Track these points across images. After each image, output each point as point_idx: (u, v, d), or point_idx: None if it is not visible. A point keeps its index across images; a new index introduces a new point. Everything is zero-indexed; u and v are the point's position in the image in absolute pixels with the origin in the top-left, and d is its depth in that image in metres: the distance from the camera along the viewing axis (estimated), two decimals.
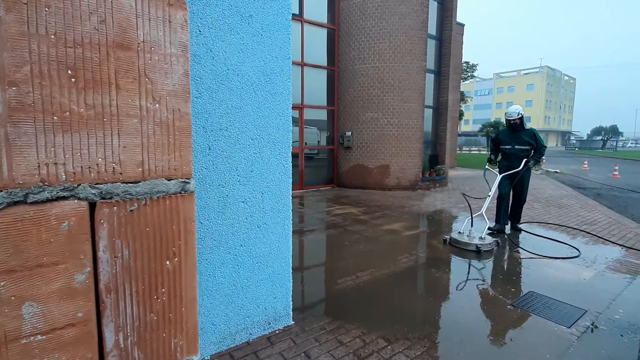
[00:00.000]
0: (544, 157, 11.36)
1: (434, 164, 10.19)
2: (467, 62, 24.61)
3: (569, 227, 5.30)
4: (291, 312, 2.44)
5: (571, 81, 74.59)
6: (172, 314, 0.58)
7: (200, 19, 1.86)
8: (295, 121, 8.80)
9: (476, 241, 4.01)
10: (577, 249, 4.19)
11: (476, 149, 38.92)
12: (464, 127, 62.25)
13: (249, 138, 2.09)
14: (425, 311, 2.69)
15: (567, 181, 11.53)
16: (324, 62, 9.16)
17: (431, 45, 9.97)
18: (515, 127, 4.79)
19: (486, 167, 5.03)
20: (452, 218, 5.93)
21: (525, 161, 4.64)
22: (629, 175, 14.19)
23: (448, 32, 10.29)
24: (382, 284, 3.15)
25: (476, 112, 69.72)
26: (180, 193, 0.55)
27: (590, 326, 2.48)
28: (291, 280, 2.41)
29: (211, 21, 1.89)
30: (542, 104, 63.20)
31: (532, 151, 4.77)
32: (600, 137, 49.94)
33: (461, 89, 19.08)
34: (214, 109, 1.93)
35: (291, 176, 2.31)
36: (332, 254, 4.09)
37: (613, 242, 4.55)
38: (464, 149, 37.46)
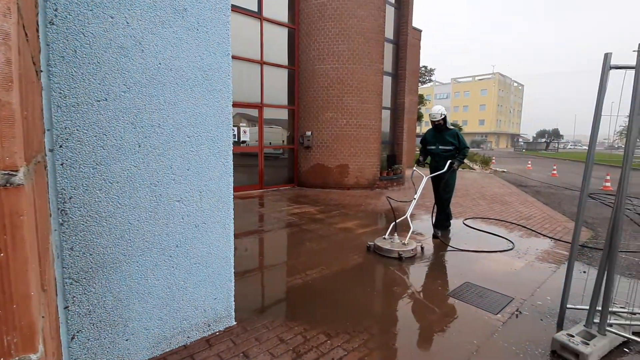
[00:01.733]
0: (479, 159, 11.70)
1: (391, 164, 10.53)
2: (425, 66, 25.68)
3: (508, 221, 5.72)
4: (233, 313, 2.40)
5: (519, 87, 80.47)
6: (1, 310, 0.55)
7: (128, 10, 1.78)
8: (254, 120, 8.68)
9: (398, 247, 3.81)
10: (512, 242, 4.53)
11: None
12: (424, 129, 64.98)
13: (185, 135, 2.03)
14: (368, 306, 2.78)
15: (512, 180, 12.43)
16: (285, 61, 9.12)
17: (389, 48, 10.29)
18: (440, 128, 4.78)
19: (414, 168, 4.95)
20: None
21: (450, 163, 4.60)
22: (566, 174, 15.59)
23: (404, 36, 10.67)
24: (330, 281, 3.20)
25: None
26: (5, 186, 0.52)
27: (515, 312, 2.70)
28: (233, 280, 2.38)
29: (140, 13, 1.81)
30: (494, 108, 67.57)
31: (456, 152, 4.77)
32: (544, 140, 54.41)
33: (420, 92, 19.89)
34: (144, 105, 1.85)
35: (232, 174, 2.28)
36: (285, 253, 4.09)
37: (544, 235, 4.98)
38: None
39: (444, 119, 4.74)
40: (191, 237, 2.11)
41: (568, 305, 2.49)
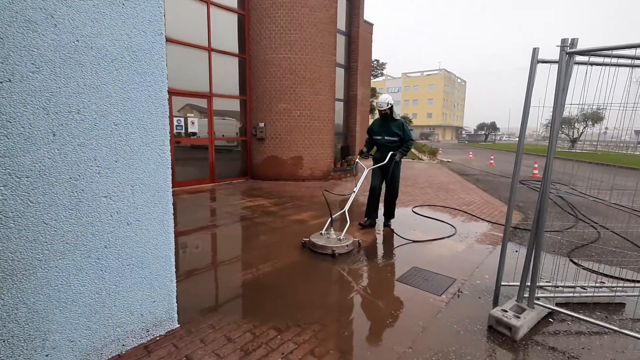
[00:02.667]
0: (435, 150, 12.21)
1: (345, 155, 10.67)
2: (377, 60, 26.30)
3: (452, 208, 6.08)
4: (176, 315, 2.25)
5: (462, 83, 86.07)
6: None
7: None
8: (203, 111, 8.24)
9: (333, 244, 3.64)
10: (454, 227, 4.82)
11: None
12: None
13: (112, 123, 1.82)
14: (321, 297, 2.77)
15: (455, 169, 13.29)
16: (235, 49, 8.73)
17: (341, 40, 10.33)
18: (386, 117, 4.62)
19: (357, 159, 4.70)
20: (361, 205, 6.28)
21: (392, 154, 4.47)
22: (502, 163, 17.04)
23: (356, 28, 10.77)
24: (283, 274, 3.14)
25: None
26: None
27: (457, 292, 2.87)
28: (174, 281, 2.22)
29: None
30: (441, 102, 71.67)
31: (400, 144, 4.65)
32: (483, 132, 58.95)
33: (373, 86, 20.35)
34: (58, 88, 1.61)
35: (170, 167, 2.10)
36: (236, 248, 3.95)
37: (482, 219, 5.37)
38: None
39: (391, 109, 4.59)
40: (123, 236, 1.91)
41: (502, 283, 2.69)
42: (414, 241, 4.17)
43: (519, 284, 2.58)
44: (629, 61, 2.09)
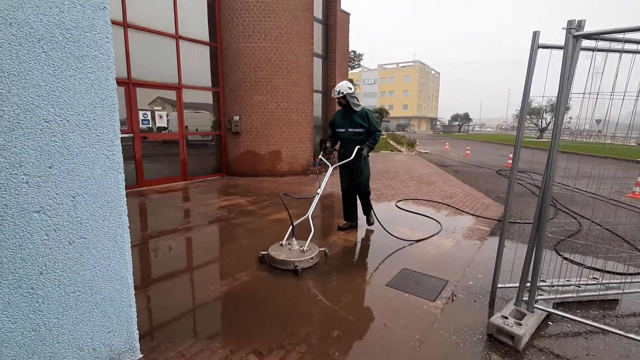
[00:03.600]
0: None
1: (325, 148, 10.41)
2: (354, 51, 26.06)
3: (435, 201, 5.98)
4: (137, 344, 1.92)
5: (437, 75, 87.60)
6: None
7: None
8: (170, 102, 7.69)
9: (295, 257, 3.12)
10: (440, 223, 4.69)
11: None
12: None
13: (42, 120, 1.45)
14: (304, 310, 2.51)
15: (434, 160, 13.36)
16: (205, 37, 8.18)
17: (318, 29, 9.97)
18: (347, 108, 4.05)
19: (319, 156, 4.12)
20: (340, 201, 6.04)
21: (359, 149, 3.93)
22: (478, 153, 17.38)
23: (333, 17, 10.43)
24: (264, 284, 2.86)
25: (365, 100, 75.72)
26: None
27: (451, 296, 2.70)
28: (134, 305, 1.88)
29: None
30: (416, 94, 72.66)
31: (367, 136, 4.09)
32: (457, 123, 60.41)
33: (350, 77, 20.11)
34: None
35: (122, 171, 1.75)
36: (209, 254, 3.61)
37: (467, 212, 5.29)
38: None
39: (345, 97, 3.94)
40: (64, 258, 1.56)
41: (499, 285, 2.54)
42: (401, 239, 3.98)
43: (516, 285, 2.43)
44: (634, 46, 1.92)
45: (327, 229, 4.44)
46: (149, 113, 7.13)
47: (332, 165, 3.96)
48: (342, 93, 3.91)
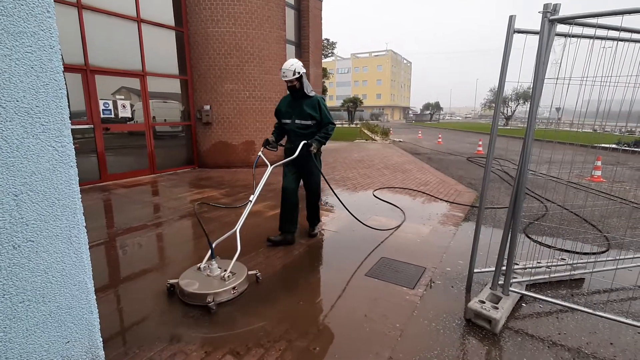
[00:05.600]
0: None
1: None
2: (327, 39, 25.76)
3: (410, 189, 6.05)
4: (102, 353, 1.76)
5: (408, 64, 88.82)
6: None
7: None
8: (137, 92, 7.23)
9: (211, 288, 2.39)
10: (403, 212, 4.64)
11: (339, 122, 42.43)
12: (329, 102, 66.92)
13: None
14: (286, 305, 2.43)
15: (407, 149, 13.57)
16: (170, 21, 7.70)
17: (290, 15, 9.69)
18: (296, 93, 3.31)
19: (259, 153, 3.32)
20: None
21: (305, 144, 3.21)
22: (449, 141, 17.86)
23: (306, 1, 10.16)
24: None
25: (339, 89, 75.68)
26: None
27: (430, 283, 2.71)
28: (95, 311, 1.72)
29: None
30: (389, 83, 73.44)
31: (318, 129, 3.40)
32: (428, 112, 61.81)
33: (323, 66, 19.89)
34: None
35: (74, 164, 1.56)
36: (181, 252, 3.43)
37: (441, 199, 5.39)
38: None
39: (300, 80, 3.23)
40: (7, 265, 1.37)
41: (475, 270, 2.58)
42: (375, 228, 3.97)
43: (492, 269, 2.47)
44: (615, 33, 1.94)
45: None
46: (110, 102, 6.66)
47: (271, 165, 3.19)
48: (299, 73, 3.18)
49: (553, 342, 2.02)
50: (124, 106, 6.95)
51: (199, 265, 2.68)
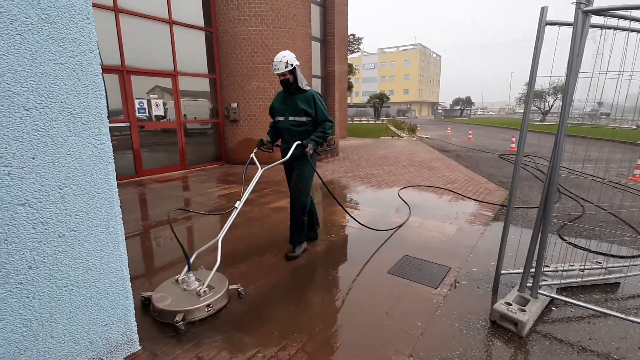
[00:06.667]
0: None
1: None
2: (353, 35, 25.51)
3: (437, 187, 5.91)
4: (136, 336, 1.89)
5: (438, 58, 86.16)
6: None
7: None
8: (170, 91, 7.55)
9: (183, 304, 2.15)
10: (409, 209, 4.56)
11: (365, 119, 42.02)
12: (354, 99, 66.39)
13: (21, 107, 1.37)
14: (305, 303, 2.47)
15: (435, 145, 13.23)
16: (200, 22, 7.96)
17: (315, 11, 9.69)
18: (289, 87, 3.05)
19: (252, 154, 3.11)
20: (341, 188, 6.00)
21: (298, 144, 2.94)
22: (479, 137, 17.21)
23: None
24: (262, 274, 2.82)
25: (365, 85, 74.85)
26: None
27: (454, 283, 2.66)
28: (131, 297, 1.84)
29: None
30: (417, 78, 71.63)
31: (314, 127, 3.09)
32: (458, 107, 59.75)
33: (349, 62, 19.73)
34: None
35: (112, 160, 1.68)
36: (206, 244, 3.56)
37: (469, 198, 5.23)
38: (355, 119, 39.93)
39: (293, 72, 2.97)
40: (54, 252, 1.51)
41: (502, 271, 2.50)
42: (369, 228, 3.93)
43: (520, 271, 2.38)
44: None
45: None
46: (145, 102, 7.01)
47: (261, 167, 2.95)
48: (292, 65, 2.92)
49: (583, 347, 1.93)
50: (157, 105, 7.28)
51: (177, 277, 2.44)
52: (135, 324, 1.90)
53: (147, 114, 7.08)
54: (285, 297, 2.47)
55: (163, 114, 7.46)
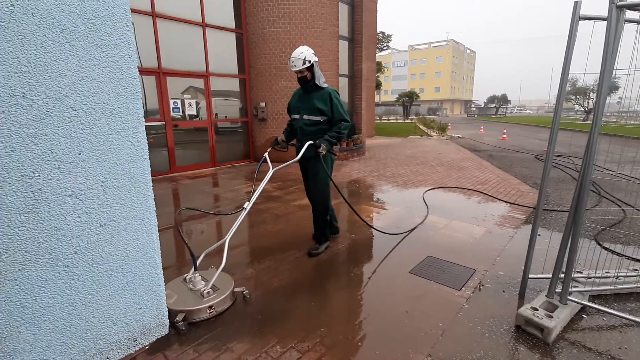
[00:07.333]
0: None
1: (350, 134, 10.27)
2: (382, 32, 25.18)
3: (465, 188, 5.74)
4: (167, 321, 2.03)
5: (472, 54, 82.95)
6: None
7: None
8: (203, 91, 7.87)
9: (185, 304, 2.14)
10: (427, 208, 4.45)
11: (394, 117, 41.34)
12: (383, 97, 65.48)
13: (70, 108, 1.52)
14: (325, 298, 2.52)
15: (466, 145, 12.79)
16: (231, 24, 8.22)
17: (343, 10, 9.69)
18: (306, 85, 2.98)
19: (265, 154, 3.08)
20: (366, 188, 5.99)
21: (310, 144, 2.86)
22: (515, 137, 16.42)
23: None
24: (285, 269, 2.91)
25: (394, 83, 73.64)
26: None
27: (478, 286, 2.60)
28: (163, 284, 1.98)
29: None
30: (449, 75, 69.37)
31: (328, 126, 3.01)
32: (493, 105, 57.18)
33: (378, 60, 19.51)
34: None
35: (147, 157, 1.81)
36: (235, 239, 3.71)
37: (500, 200, 5.04)
38: (383, 118, 39.40)
39: (311, 69, 2.89)
40: (96, 239, 1.66)
41: (530, 276, 2.42)
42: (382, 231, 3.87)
43: (549, 276, 2.29)
44: None
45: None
46: (179, 101, 7.35)
47: (272, 167, 2.87)
48: (310, 61, 2.83)
49: (612, 357, 1.83)
50: (190, 104, 7.61)
51: (185, 276, 2.47)
52: (166, 309, 2.03)
53: (181, 114, 7.43)
54: (306, 291, 2.53)
55: (195, 113, 7.79)
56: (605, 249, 3.20)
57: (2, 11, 1.31)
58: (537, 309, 2.08)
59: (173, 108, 7.22)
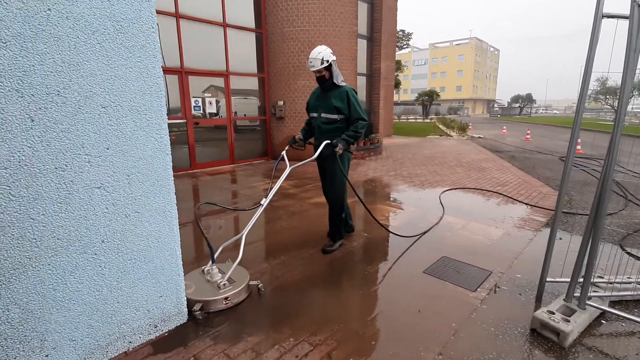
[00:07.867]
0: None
1: (368, 133, 10.23)
2: (402, 30, 24.87)
3: (485, 189, 5.63)
4: (185, 309, 2.12)
5: (496, 52, 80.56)
6: None
7: None
8: (222, 90, 8.05)
9: (202, 295, 2.25)
10: (443, 210, 4.40)
11: (413, 117, 40.76)
12: (402, 97, 64.61)
13: (99, 105, 1.62)
14: (338, 294, 2.56)
15: (487, 145, 12.48)
16: (251, 24, 8.36)
17: (362, 8, 9.65)
18: (324, 84, 3.01)
19: (283, 153, 3.14)
20: (382, 187, 5.97)
21: (327, 144, 2.90)
22: (539, 138, 15.89)
23: None
24: (299, 265, 2.96)
25: (414, 82, 72.50)
26: None
27: (494, 288, 2.57)
28: (182, 274, 2.07)
29: None
30: (471, 74, 67.68)
31: (345, 125, 3.03)
32: (517, 105, 55.37)
33: (398, 58, 19.30)
34: (32, 65, 1.42)
35: (169, 152, 1.90)
36: (251, 235, 3.79)
37: (520, 202, 4.92)
38: (402, 117, 38.91)
39: (329, 68, 2.92)
40: (121, 229, 1.76)
41: (548, 279, 2.37)
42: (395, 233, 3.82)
43: (567, 280, 2.24)
44: None
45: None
46: (200, 100, 7.55)
47: (290, 166, 2.92)
48: (328, 61, 2.86)
49: None
50: (210, 103, 7.80)
51: (203, 267, 2.57)
52: (185, 298, 2.13)
53: (201, 112, 7.63)
54: (319, 287, 2.58)
55: (215, 112, 7.97)
56: (629, 254, 3.08)
57: (40, 15, 1.41)
58: (553, 313, 2.04)
59: (194, 106, 7.43)
